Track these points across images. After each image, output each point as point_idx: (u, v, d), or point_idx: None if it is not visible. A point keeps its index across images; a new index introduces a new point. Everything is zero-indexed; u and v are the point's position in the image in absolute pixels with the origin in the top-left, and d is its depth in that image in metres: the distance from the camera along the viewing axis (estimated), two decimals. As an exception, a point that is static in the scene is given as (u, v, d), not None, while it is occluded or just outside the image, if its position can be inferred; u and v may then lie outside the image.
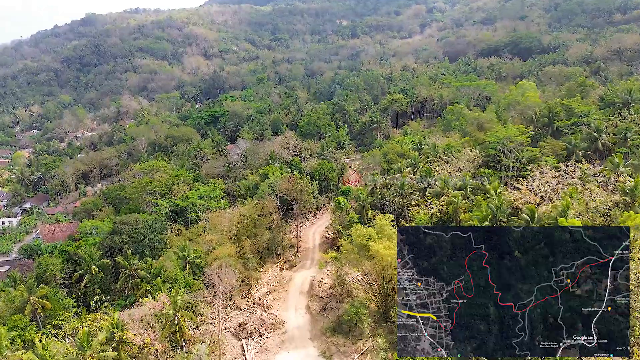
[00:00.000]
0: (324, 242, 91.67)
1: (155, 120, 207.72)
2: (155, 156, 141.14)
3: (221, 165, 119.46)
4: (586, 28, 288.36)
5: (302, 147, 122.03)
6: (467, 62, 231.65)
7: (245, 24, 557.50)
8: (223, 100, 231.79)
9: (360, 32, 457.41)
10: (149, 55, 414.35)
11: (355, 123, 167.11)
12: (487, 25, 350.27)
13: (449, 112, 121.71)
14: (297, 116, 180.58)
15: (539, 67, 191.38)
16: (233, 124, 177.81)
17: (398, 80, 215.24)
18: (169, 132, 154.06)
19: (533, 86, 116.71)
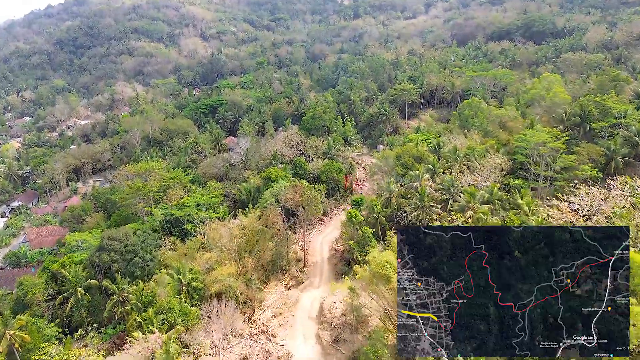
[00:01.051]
0: (333, 255, 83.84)
1: (150, 110, 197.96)
2: (149, 151, 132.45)
3: (220, 164, 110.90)
4: (599, 9, 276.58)
5: (306, 145, 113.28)
6: (477, 46, 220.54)
7: (243, 3, 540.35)
8: (222, 87, 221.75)
9: (363, 12, 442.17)
10: (144, 37, 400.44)
11: (362, 114, 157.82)
12: (495, 6, 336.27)
13: (466, 106, 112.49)
14: (299, 106, 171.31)
15: (555, 52, 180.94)
16: (232, 114, 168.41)
17: (405, 66, 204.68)
18: (164, 125, 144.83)
19: (558, 78, 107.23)
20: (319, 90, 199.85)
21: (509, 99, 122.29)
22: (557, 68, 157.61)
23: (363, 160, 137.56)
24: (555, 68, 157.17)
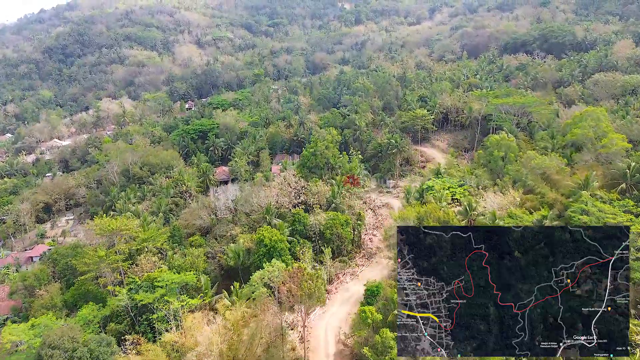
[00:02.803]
0: (342, 351, 66.85)
1: (136, 131, 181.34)
2: (127, 192, 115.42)
3: (205, 215, 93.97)
4: (617, 16, 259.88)
5: (306, 190, 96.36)
6: (492, 59, 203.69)
7: (241, 7, 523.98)
8: (215, 103, 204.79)
9: (365, 17, 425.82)
10: (136, 44, 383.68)
11: (368, 142, 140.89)
12: (505, 12, 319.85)
13: (494, 145, 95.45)
14: (298, 131, 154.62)
15: (580, 69, 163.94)
16: (224, 141, 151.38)
17: (414, 82, 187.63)
18: (145, 158, 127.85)
19: (604, 114, 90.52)
20: (319, 109, 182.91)
21: (541, 134, 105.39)
22: (587, 90, 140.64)
23: (371, 199, 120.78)
24: (585, 90, 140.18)
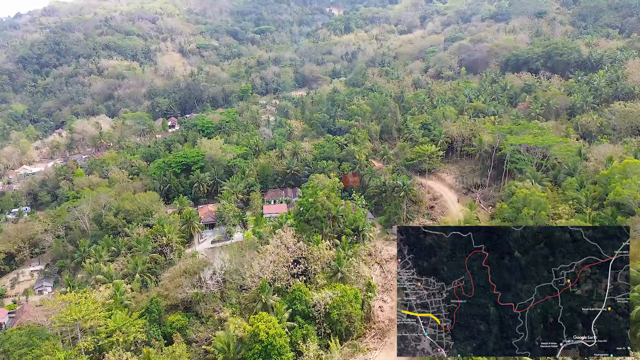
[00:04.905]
0: None
1: (114, 158, 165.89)
2: (97, 248, 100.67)
3: (188, 286, 79.83)
4: (617, 29, 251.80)
5: (307, 254, 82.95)
6: (494, 78, 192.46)
7: (226, 13, 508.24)
8: (199, 124, 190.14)
9: (355, 25, 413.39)
10: (116, 53, 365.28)
11: (370, 177, 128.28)
12: (499, 22, 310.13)
13: (520, 200, 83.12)
14: (292, 162, 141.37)
15: (592, 92, 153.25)
16: (210, 175, 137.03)
17: (413, 104, 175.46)
18: (121, 203, 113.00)
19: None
20: (313, 135, 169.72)
21: (569, 181, 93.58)
22: (604, 119, 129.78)
23: (377, 249, 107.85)
24: (602, 120, 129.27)
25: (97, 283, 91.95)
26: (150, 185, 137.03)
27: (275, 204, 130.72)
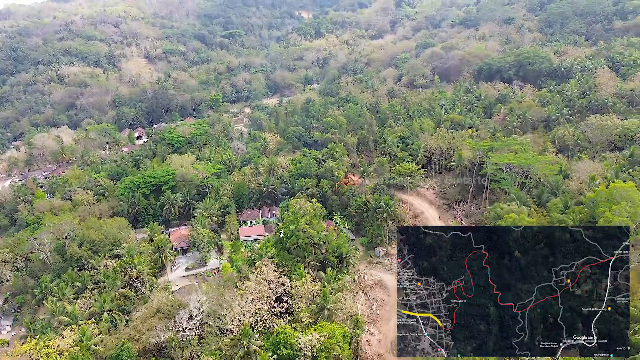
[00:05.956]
0: None
1: (77, 177, 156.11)
2: (60, 285, 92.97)
3: (162, 329, 73.71)
4: (584, 36, 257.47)
5: (290, 290, 78.18)
6: (468, 88, 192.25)
7: (193, 16, 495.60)
8: (169, 138, 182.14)
9: (325, 30, 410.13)
10: (77, 60, 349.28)
11: (349, 196, 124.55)
12: (469, 29, 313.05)
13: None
14: (268, 180, 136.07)
15: (565, 103, 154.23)
16: (182, 196, 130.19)
17: (389, 115, 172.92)
18: (85, 233, 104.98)
19: (633, 187, 78.45)
20: (289, 149, 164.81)
21: (553, 202, 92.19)
22: (580, 133, 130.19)
23: (361, 274, 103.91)
24: (579, 133, 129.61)
25: (61, 325, 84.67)
26: (118, 208, 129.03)
27: (252, 225, 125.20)
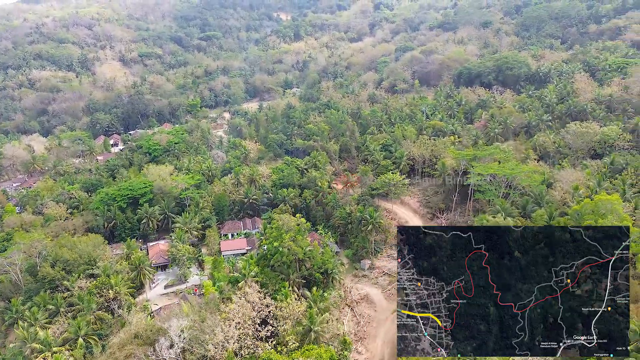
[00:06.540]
0: None
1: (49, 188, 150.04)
2: (34, 308, 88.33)
3: (141, 357, 70.22)
4: (559, 39, 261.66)
5: (275, 311, 75.60)
6: (449, 93, 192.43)
7: (169, 18, 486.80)
8: (145, 146, 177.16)
9: (304, 32, 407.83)
10: (49, 63, 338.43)
11: (333, 207, 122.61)
12: (447, 32, 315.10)
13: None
14: (249, 190, 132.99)
15: (545, 109, 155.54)
16: (160, 209, 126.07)
17: (371, 122, 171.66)
18: (58, 251, 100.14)
19: (620, 202, 78.45)
20: (270, 157, 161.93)
21: (538, 213, 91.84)
22: (562, 140, 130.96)
23: (347, 288, 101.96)
24: (559, 140, 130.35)
25: (33, 353, 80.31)
26: (93, 222, 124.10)
27: (233, 238, 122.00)
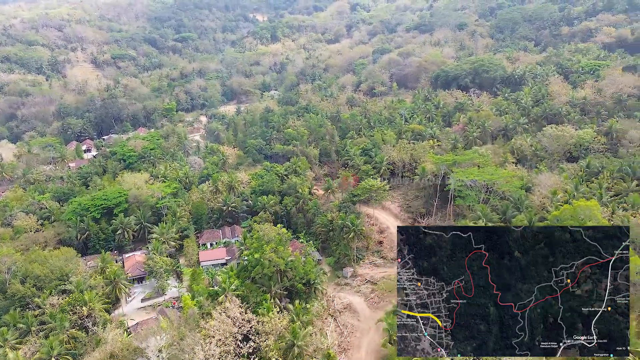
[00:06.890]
0: None
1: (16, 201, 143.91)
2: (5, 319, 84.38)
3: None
4: (533, 41, 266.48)
5: (257, 326, 73.73)
6: (427, 95, 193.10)
7: (143, 19, 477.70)
8: (120, 153, 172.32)
9: (281, 34, 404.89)
10: (18, 66, 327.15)
11: (314, 213, 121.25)
12: (424, 34, 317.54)
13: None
14: (228, 198, 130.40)
15: (521, 112, 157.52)
16: (136, 219, 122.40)
17: (350, 126, 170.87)
18: (28, 267, 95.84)
19: (598, 208, 79.23)
20: (249, 163, 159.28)
21: (519, 218, 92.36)
22: (538, 143, 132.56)
23: (329, 297, 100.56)
24: (537, 144, 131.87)
25: (2, 376, 76.47)
26: (65, 234, 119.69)
27: (212, 247, 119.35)
